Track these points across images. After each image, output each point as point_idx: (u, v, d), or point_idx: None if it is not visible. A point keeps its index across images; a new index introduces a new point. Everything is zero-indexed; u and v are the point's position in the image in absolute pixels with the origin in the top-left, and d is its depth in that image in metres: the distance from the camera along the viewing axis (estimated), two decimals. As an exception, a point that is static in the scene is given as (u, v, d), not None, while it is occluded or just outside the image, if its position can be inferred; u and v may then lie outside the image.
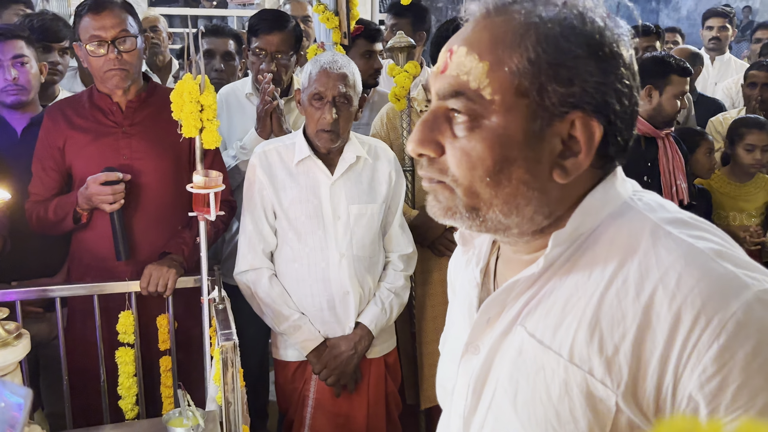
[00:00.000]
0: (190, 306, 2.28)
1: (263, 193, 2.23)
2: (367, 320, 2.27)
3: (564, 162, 0.80)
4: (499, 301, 0.87)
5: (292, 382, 2.33)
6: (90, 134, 2.28)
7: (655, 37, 4.02)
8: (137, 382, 2.25)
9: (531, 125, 0.78)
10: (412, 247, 2.41)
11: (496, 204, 0.81)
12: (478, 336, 0.90)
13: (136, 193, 2.26)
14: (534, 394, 0.81)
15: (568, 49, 0.77)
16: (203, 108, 2.10)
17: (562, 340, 0.79)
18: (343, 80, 2.13)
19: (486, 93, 0.78)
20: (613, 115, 0.79)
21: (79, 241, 2.34)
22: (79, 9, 2.26)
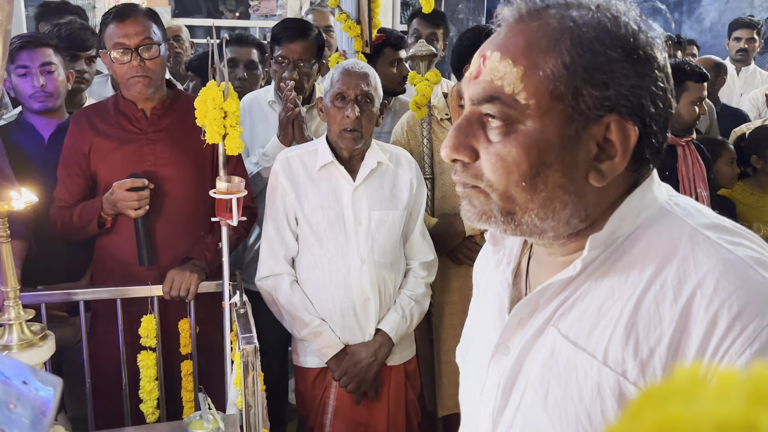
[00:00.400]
0: (212, 311, 2.30)
1: (285, 198, 2.25)
2: (388, 327, 2.27)
3: (600, 165, 0.80)
4: (532, 302, 0.88)
5: (312, 389, 2.33)
6: (115, 140, 2.31)
7: (677, 46, 4.02)
8: (159, 385, 2.27)
9: (567, 129, 0.78)
10: (433, 254, 2.41)
11: (532, 208, 0.81)
12: (509, 337, 0.90)
13: (159, 199, 2.29)
14: (565, 395, 0.81)
15: (603, 53, 0.77)
16: (226, 114, 2.12)
17: (597, 342, 0.80)
18: (365, 79, 2.16)
19: (521, 97, 0.78)
20: (648, 118, 0.80)
21: (103, 245, 2.37)
22: (105, 17, 2.30)
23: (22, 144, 2.49)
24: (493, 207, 0.82)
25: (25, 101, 2.49)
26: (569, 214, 0.81)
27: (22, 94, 2.47)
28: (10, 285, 1.67)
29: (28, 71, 2.43)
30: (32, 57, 2.42)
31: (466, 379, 1.05)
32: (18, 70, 2.43)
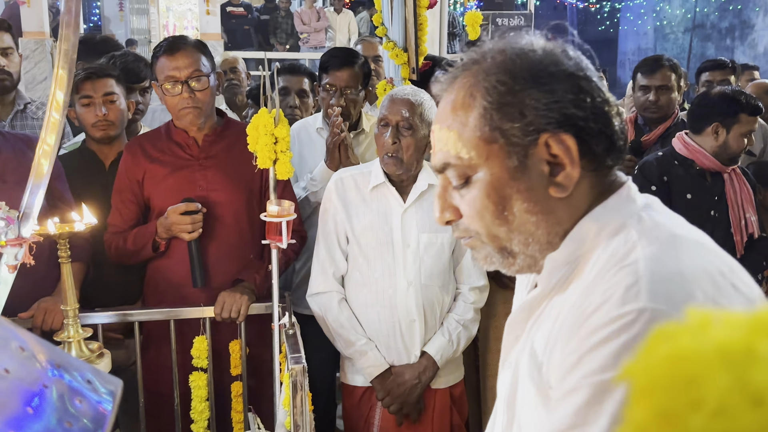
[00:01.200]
0: (262, 332, 2.34)
1: (337, 218, 2.29)
2: (434, 350, 2.27)
3: (556, 179, 0.87)
4: (520, 320, 0.95)
5: (358, 407, 2.35)
6: (168, 167, 2.39)
7: (730, 71, 3.95)
8: (209, 406, 2.30)
9: (510, 162, 0.87)
10: (485, 279, 2.40)
11: (514, 237, 0.90)
12: (508, 353, 0.98)
13: (211, 223, 2.35)
14: (532, 401, 0.88)
15: (508, 90, 0.87)
16: (277, 140, 2.18)
17: (547, 355, 0.86)
18: (407, 106, 2.17)
19: (463, 154, 0.89)
20: (580, 122, 0.86)
21: (156, 268, 2.44)
22: (156, 50, 2.39)
23: (84, 171, 2.59)
24: (489, 249, 0.92)
25: (88, 129, 2.59)
26: (546, 232, 0.89)
27: (85, 122, 2.58)
28: (70, 304, 1.74)
29: (92, 101, 2.54)
30: (95, 87, 2.53)
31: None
32: (82, 100, 2.54)
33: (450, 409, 2.37)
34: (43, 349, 0.63)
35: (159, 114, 3.47)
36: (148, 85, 3.05)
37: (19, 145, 2.30)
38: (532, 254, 0.90)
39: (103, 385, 0.67)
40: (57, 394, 0.62)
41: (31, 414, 0.58)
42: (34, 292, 2.25)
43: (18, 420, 0.57)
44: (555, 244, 0.89)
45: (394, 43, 2.93)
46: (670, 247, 0.80)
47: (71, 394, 0.64)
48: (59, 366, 0.64)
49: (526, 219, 0.88)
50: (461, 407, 2.44)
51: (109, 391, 0.68)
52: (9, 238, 1.39)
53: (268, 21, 10.60)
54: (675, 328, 0.29)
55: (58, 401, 0.61)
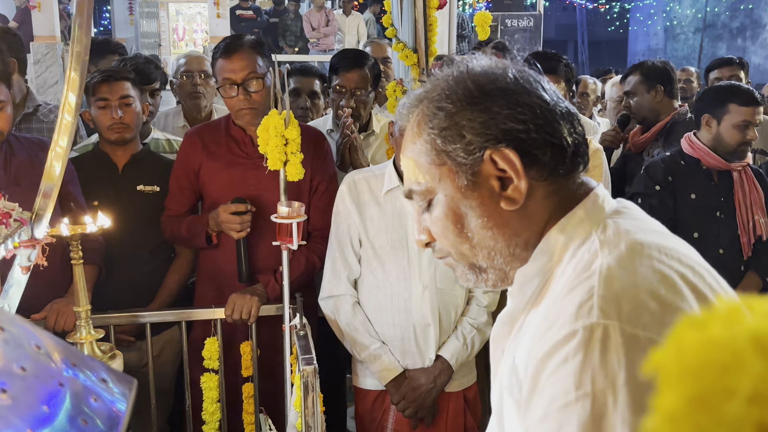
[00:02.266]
0: (274, 334, 2.34)
1: (350, 220, 2.28)
2: (448, 354, 2.26)
3: (506, 193, 0.90)
4: (503, 334, 0.98)
5: (371, 411, 2.34)
6: (222, 162, 2.42)
7: (738, 67, 3.96)
8: (221, 407, 2.31)
9: (459, 182, 0.91)
10: None
11: (477, 254, 0.93)
12: (496, 367, 1.00)
13: (259, 222, 2.37)
14: (513, 416, 0.89)
15: (446, 114, 0.91)
16: (287, 142, 2.19)
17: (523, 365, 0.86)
18: None
19: (420, 179, 0.95)
20: (522, 134, 0.89)
21: (208, 256, 2.50)
22: (215, 51, 2.42)
23: (97, 173, 2.60)
24: (462, 267, 0.97)
25: (103, 132, 2.60)
26: (505, 244, 0.92)
27: (101, 125, 2.58)
28: (82, 305, 1.75)
29: (108, 104, 2.54)
30: (112, 90, 2.55)
31: None
32: (98, 102, 2.55)
33: (464, 412, 2.36)
34: (58, 348, 0.63)
35: (172, 118, 3.49)
36: (158, 87, 3.06)
37: (33, 149, 2.31)
38: (500, 267, 0.94)
39: (117, 384, 0.68)
40: (72, 392, 0.62)
41: (47, 412, 0.58)
42: (47, 294, 2.27)
43: (34, 418, 0.57)
44: (518, 255, 0.92)
45: (404, 44, 2.93)
46: (628, 257, 0.80)
47: (86, 393, 0.64)
48: (74, 365, 0.64)
49: (483, 234, 0.91)
50: (475, 410, 2.43)
51: (124, 389, 0.68)
52: (22, 240, 1.40)
53: (277, 24, 10.63)
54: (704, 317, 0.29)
55: (73, 399, 0.62)
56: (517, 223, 0.91)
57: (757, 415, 0.25)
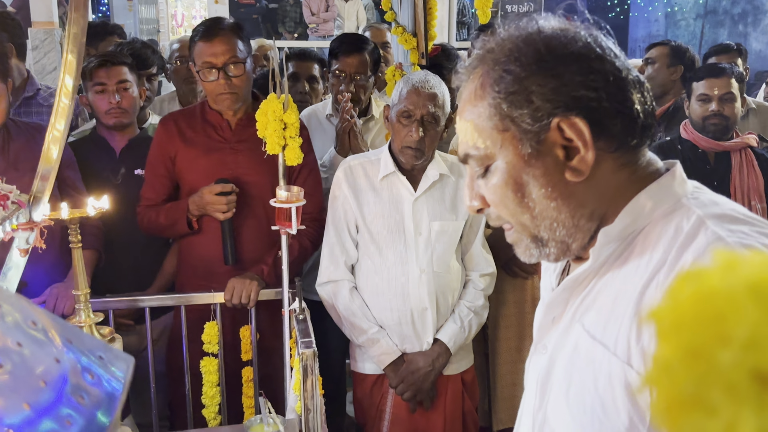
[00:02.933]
0: (273, 319, 2.35)
1: (346, 206, 2.28)
2: (446, 337, 2.27)
3: (571, 163, 0.86)
4: (561, 300, 0.94)
5: (369, 395, 2.35)
6: (200, 148, 2.40)
7: (736, 53, 3.96)
8: (220, 391, 2.32)
9: (523, 149, 0.87)
10: (493, 267, 2.40)
11: (539, 224, 0.89)
12: (544, 335, 0.97)
13: (240, 206, 2.37)
14: (583, 386, 0.85)
15: (515, 78, 0.87)
16: (286, 126, 2.18)
17: (610, 333, 0.83)
18: (433, 100, 2.16)
19: (479, 144, 0.91)
20: (592, 103, 0.85)
21: (189, 244, 2.47)
22: (194, 34, 2.39)
23: (95, 157, 2.60)
24: (526, 241, 0.93)
25: (101, 117, 2.60)
26: (569, 216, 0.88)
27: (98, 110, 2.58)
28: (81, 289, 1.74)
29: (105, 88, 2.54)
30: (109, 75, 2.54)
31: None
32: (96, 87, 2.54)
33: (462, 395, 2.37)
34: (54, 324, 0.63)
35: (167, 105, 3.48)
36: (155, 72, 3.04)
37: (31, 133, 2.31)
38: (561, 239, 0.90)
39: (114, 361, 0.68)
40: (69, 368, 0.62)
41: (43, 388, 0.58)
42: (47, 278, 2.27)
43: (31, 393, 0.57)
44: (582, 226, 0.88)
45: (404, 28, 2.91)
46: (730, 221, 0.80)
47: (83, 370, 0.64)
48: (71, 341, 0.64)
49: (546, 204, 0.88)
50: (473, 393, 2.44)
51: (121, 367, 0.68)
52: (20, 222, 1.40)
53: (276, 9, 10.57)
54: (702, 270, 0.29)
55: (70, 376, 0.62)
56: (583, 195, 0.87)
57: (753, 362, 0.25)
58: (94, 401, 0.62)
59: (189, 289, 2.42)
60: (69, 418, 0.56)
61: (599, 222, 0.88)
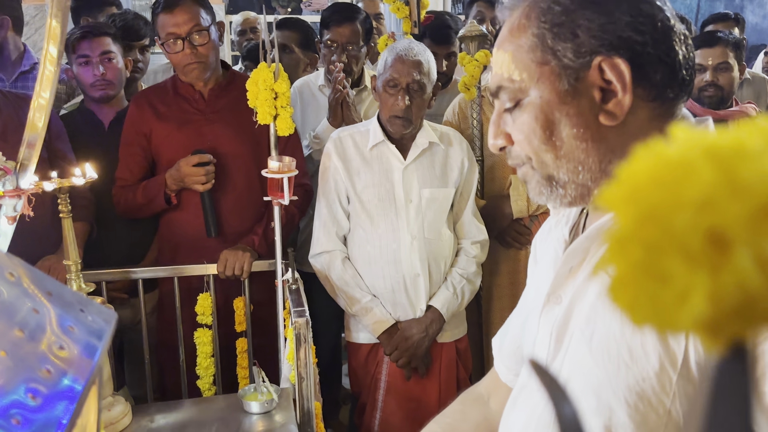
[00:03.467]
0: (266, 290, 2.34)
1: (337, 177, 2.28)
2: (439, 304, 2.28)
3: (606, 106, 0.84)
4: (582, 249, 0.91)
5: (364, 365, 2.36)
6: (174, 122, 2.38)
7: (733, 23, 3.94)
8: (215, 362, 2.32)
9: (560, 85, 0.85)
10: (485, 235, 2.40)
11: (561, 165, 0.87)
12: (559, 285, 0.93)
13: (219, 177, 2.36)
14: (608, 333, 0.83)
15: (564, 9, 0.85)
16: (277, 95, 2.16)
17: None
18: (418, 68, 2.15)
19: (515, 76, 0.88)
20: (637, 46, 0.82)
21: (168, 221, 2.46)
22: (155, 7, 2.36)
23: (84, 131, 2.57)
24: (538, 178, 0.90)
25: (86, 90, 2.57)
26: (597, 160, 0.86)
27: (84, 82, 2.55)
28: (71, 259, 1.73)
29: (89, 60, 2.51)
30: (92, 46, 2.50)
31: (525, 337, 1.07)
32: (79, 60, 2.51)
33: (456, 363, 2.38)
34: (33, 276, 0.62)
35: (160, 76, 3.44)
36: (147, 43, 3.01)
37: (18, 104, 2.28)
38: (583, 183, 0.87)
39: (95, 314, 0.67)
40: (48, 319, 0.61)
41: (22, 338, 0.58)
42: (38, 251, 2.25)
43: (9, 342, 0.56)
44: (609, 171, 0.86)
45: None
46: None
47: (63, 321, 0.63)
48: (50, 293, 0.63)
49: (574, 145, 0.85)
50: (466, 361, 2.45)
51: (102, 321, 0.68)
52: (7, 190, 1.38)
53: (269, -16, 10.45)
54: (656, 144, 0.28)
55: (48, 327, 0.61)
56: (615, 140, 0.85)
57: (707, 223, 0.24)
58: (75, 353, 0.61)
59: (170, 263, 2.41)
60: (48, 368, 0.55)
61: None
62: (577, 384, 0.86)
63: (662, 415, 0.79)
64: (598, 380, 0.83)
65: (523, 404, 0.99)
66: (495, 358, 1.25)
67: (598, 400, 0.83)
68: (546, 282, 0.98)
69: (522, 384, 1.03)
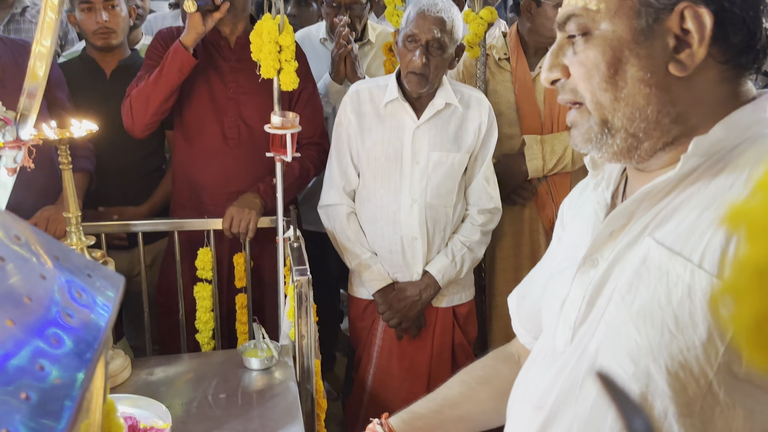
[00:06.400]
0: (268, 246, 2.33)
1: (350, 131, 2.25)
2: (435, 270, 2.26)
3: (679, 56, 0.81)
4: (627, 213, 0.89)
5: (362, 320, 2.38)
6: (199, 66, 2.28)
7: None
8: (214, 317, 2.32)
9: (637, 23, 0.82)
10: (495, 203, 2.33)
11: (618, 108, 0.84)
12: (598, 248, 0.92)
13: (238, 127, 2.34)
14: (653, 300, 0.82)
15: None
16: (281, 49, 2.11)
17: (693, 246, 0.79)
18: (439, 25, 2.08)
19: (592, 5, 0.85)
20: (726, 2, 0.80)
21: (182, 165, 2.43)
22: None
23: (85, 79, 2.53)
24: (591, 121, 0.87)
25: (89, 37, 2.51)
26: (656, 110, 0.84)
27: (86, 29, 2.49)
28: (72, 211, 1.71)
29: (92, 6, 2.44)
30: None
31: (548, 299, 1.05)
32: (82, 5, 2.45)
33: (452, 328, 2.38)
34: (40, 240, 0.60)
35: (170, 22, 3.36)
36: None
37: (18, 50, 2.23)
38: (635, 133, 0.85)
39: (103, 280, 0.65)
40: (56, 285, 0.60)
41: (29, 304, 0.56)
42: (38, 202, 2.23)
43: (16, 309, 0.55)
44: (665, 126, 0.84)
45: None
46: None
47: (70, 287, 0.61)
48: (57, 258, 0.62)
49: (637, 89, 0.83)
50: (467, 327, 2.43)
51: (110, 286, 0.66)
52: (7, 140, 1.35)
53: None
54: None
55: (57, 293, 0.59)
56: (679, 93, 0.83)
57: None
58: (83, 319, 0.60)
59: (183, 211, 2.40)
60: (56, 336, 0.54)
61: (682, 130, 0.84)
62: (614, 349, 0.85)
63: (703, 386, 0.78)
64: (638, 346, 0.82)
65: (546, 367, 0.97)
66: (513, 319, 1.24)
67: (636, 366, 0.82)
68: (580, 245, 0.97)
69: (542, 347, 1.01)
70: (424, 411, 1.19)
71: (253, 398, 1.76)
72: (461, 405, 1.20)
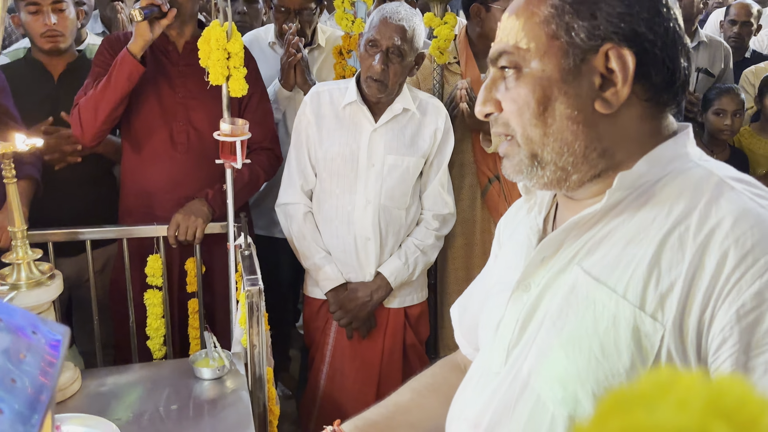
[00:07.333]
0: (220, 251, 2.34)
1: (309, 131, 2.28)
2: (387, 271, 2.31)
3: (604, 94, 0.86)
4: (557, 241, 0.93)
5: (316, 319, 2.42)
6: (147, 72, 2.25)
7: None
8: (165, 323, 2.32)
9: (565, 62, 0.86)
10: (450, 208, 2.40)
11: (547, 143, 0.88)
12: (531, 274, 0.96)
13: (187, 132, 2.33)
14: (581, 327, 0.86)
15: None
16: (230, 56, 2.11)
17: (618, 278, 0.84)
18: (400, 33, 2.12)
19: (522, 44, 0.88)
20: (647, 44, 0.85)
21: (132, 171, 2.40)
22: None
23: (32, 83, 2.47)
24: (522, 154, 0.91)
25: (36, 40, 2.44)
26: (584, 146, 0.88)
27: (33, 32, 2.42)
28: (17, 225, 1.69)
29: (39, 9, 2.37)
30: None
31: (485, 319, 1.09)
32: (28, 7, 2.37)
33: (404, 329, 2.43)
34: (-17, 305, 0.62)
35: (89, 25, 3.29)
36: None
37: None
38: (563, 166, 0.89)
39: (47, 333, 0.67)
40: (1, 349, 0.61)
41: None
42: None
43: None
44: (591, 160, 0.88)
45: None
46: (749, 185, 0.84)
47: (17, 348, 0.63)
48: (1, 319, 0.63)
49: (565, 126, 0.87)
50: (419, 328, 2.49)
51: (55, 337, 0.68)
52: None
53: None
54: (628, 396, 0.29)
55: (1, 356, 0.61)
56: (605, 129, 0.87)
57: None
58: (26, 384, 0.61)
59: (132, 218, 2.39)
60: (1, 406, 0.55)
61: (608, 164, 0.89)
62: (545, 373, 0.89)
63: None
64: (566, 371, 0.86)
65: (482, 386, 1.01)
66: (455, 330, 1.29)
67: (564, 391, 0.86)
68: (514, 268, 1.01)
69: (479, 366, 1.05)
70: (376, 417, 1.22)
71: (204, 409, 1.77)
72: (412, 411, 1.23)
